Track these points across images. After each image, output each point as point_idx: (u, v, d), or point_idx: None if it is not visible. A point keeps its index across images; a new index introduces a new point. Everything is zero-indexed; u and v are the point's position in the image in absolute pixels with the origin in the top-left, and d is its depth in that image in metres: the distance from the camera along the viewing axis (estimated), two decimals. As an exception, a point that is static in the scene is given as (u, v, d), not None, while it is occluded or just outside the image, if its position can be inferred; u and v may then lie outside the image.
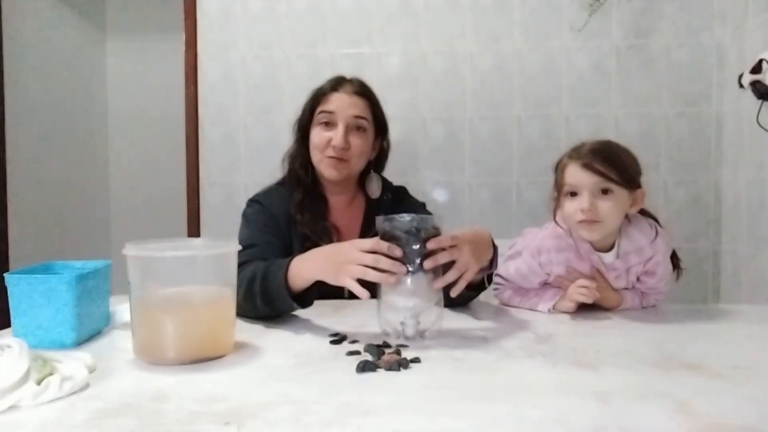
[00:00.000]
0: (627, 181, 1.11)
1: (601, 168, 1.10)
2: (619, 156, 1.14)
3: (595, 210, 1.10)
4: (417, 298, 0.90)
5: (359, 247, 0.91)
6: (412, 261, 0.89)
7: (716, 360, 0.80)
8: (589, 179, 1.11)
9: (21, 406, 0.63)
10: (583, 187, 1.11)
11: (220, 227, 2.44)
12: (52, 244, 3.13)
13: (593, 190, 1.11)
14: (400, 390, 0.69)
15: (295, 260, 1.02)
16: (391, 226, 0.90)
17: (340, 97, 1.32)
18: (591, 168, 1.10)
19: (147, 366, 0.80)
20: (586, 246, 1.16)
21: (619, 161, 1.12)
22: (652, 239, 1.16)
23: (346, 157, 1.31)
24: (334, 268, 0.93)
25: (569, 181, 1.13)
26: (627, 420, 0.59)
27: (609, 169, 1.10)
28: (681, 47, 2.28)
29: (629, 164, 1.14)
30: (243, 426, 0.58)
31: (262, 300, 1.02)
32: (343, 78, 1.37)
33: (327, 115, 1.31)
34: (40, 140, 3.07)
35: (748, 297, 2.07)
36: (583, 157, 1.12)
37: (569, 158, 1.15)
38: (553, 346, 0.89)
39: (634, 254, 1.16)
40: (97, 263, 0.98)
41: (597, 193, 1.11)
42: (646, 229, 1.17)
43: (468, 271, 0.93)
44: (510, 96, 2.34)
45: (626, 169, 1.12)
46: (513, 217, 2.35)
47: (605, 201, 1.11)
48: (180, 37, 2.46)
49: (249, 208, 1.35)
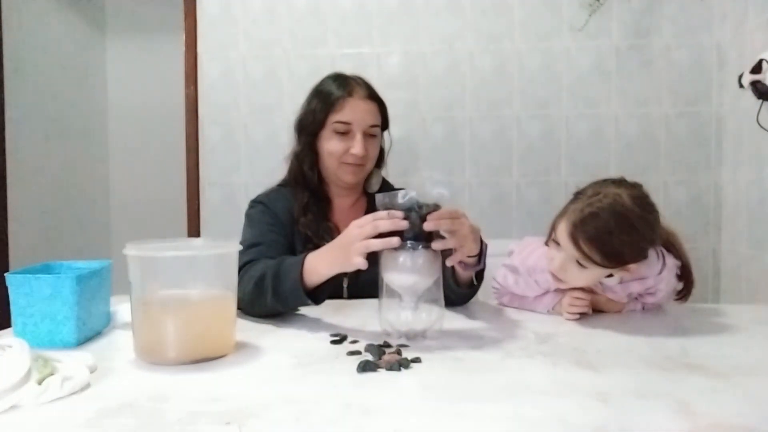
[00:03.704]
0: (610, 261, 1.02)
1: (584, 248, 1.01)
2: (610, 235, 1.00)
3: (568, 275, 1.06)
4: (417, 274, 0.90)
5: (358, 223, 0.92)
6: (412, 237, 0.89)
7: (716, 360, 0.80)
8: (570, 249, 1.03)
9: (22, 405, 0.63)
10: (568, 255, 1.04)
11: (220, 227, 2.44)
12: (52, 244, 3.13)
13: (572, 259, 1.04)
14: (400, 390, 0.69)
15: (310, 256, 1.02)
16: (391, 202, 0.91)
17: (355, 104, 1.31)
18: (574, 242, 1.01)
19: (147, 366, 0.80)
20: None
21: (607, 242, 1.00)
22: (657, 272, 1.12)
23: (363, 163, 1.33)
24: (343, 253, 0.93)
25: (561, 242, 1.06)
26: (627, 420, 0.59)
27: (593, 251, 1.00)
28: (681, 47, 2.27)
29: (619, 246, 1.01)
30: (243, 426, 0.58)
31: (274, 297, 1.03)
32: (349, 78, 1.36)
33: (344, 126, 1.31)
34: (40, 140, 3.07)
35: (748, 297, 2.07)
36: (582, 245, 1.01)
37: (573, 226, 1.03)
38: (553, 346, 0.89)
39: (637, 283, 1.13)
40: (98, 263, 0.98)
41: (574, 263, 1.04)
42: (653, 261, 1.10)
43: (466, 245, 0.95)
44: (510, 96, 2.34)
45: (612, 249, 1.01)
46: (513, 217, 2.35)
47: (580, 273, 1.05)
48: (180, 37, 2.46)
49: (252, 209, 1.35)
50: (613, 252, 1.01)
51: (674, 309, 1.20)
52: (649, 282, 1.13)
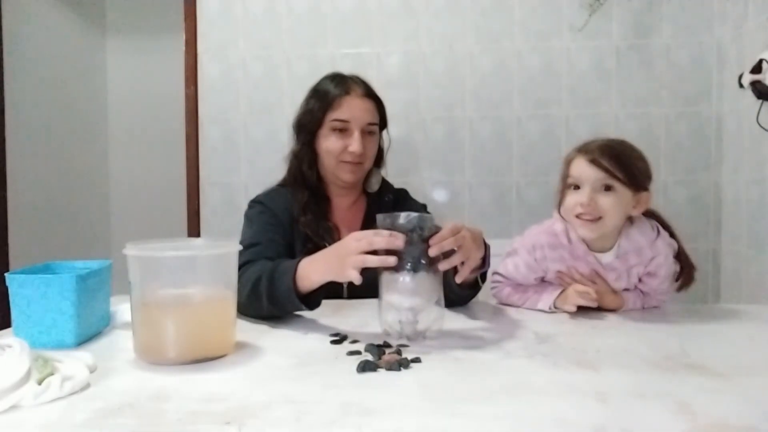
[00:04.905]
0: (632, 181, 1.10)
1: (606, 164, 1.09)
2: (628, 155, 1.13)
3: (594, 206, 1.09)
4: (418, 297, 0.90)
5: (357, 237, 0.92)
6: (413, 259, 0.89)
7: (716, 360, 0.80)
8: (592, 174, 1.10)
9: (22, 405, 0.63)
10: (586, 181, 1.11)
11: (220, 227, 2.44)
12: (52, 244, 3.13)
13: (596, 185, 1.10)
14: (400, 390, 0.69)
15: (303, 262, 1.01)
16: (391, 224, 0.91)
17: (352, 102, 1.31)
18: (596, 163, 1.10)
19: (147, 366, 0.80)
20: (582, 247, 1.15)
21: (627, 160, 1.11)
22: (652, 240, 1.15)
23: (361, 161, 1.33)
24: (338, 263, 0.93)
25: (573, 173, 1.13)
26: (627, 420, 0.59)
27: (614, 166, 1.09)
28: (681, 47, 2.27)
29: (637, 165, 1.12)
30: (243, 426, 0.58)
31: (269, 300, 1.03)
32: (346, 77, 1.37)
33: (341, 123, 1.31)
34: (40, 140, 3.07)
35: (748, 297, 2.07)
36: (590, 153, 1.11)
37: (577, 152, 1.14)
38: (553, 346, 0.89)
39: (633, 254, 1.15)
40: (98, 263, 0.98)
41: (599, 189, 1.10)
42: (647, 230, 1.16)
43: (471, 257, 0.94)
44: (510, 96, 2.34)
45: (632, 168, 1.11)
46: (513, 217, 2.36)
47: (606, 197, 1.10)
48: (180, 37, 2.46)
49: (251, 209, 1.35)
50: (623, 154, 1.12)
51: (674, 309, 1.20)
52: (646, 252, 1.15)
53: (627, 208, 1.12)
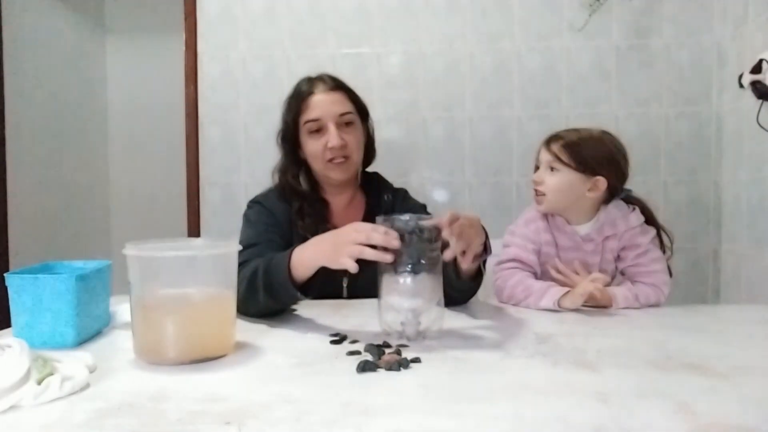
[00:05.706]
0: (579, 165, 1.23)
1: (555, 149, 1.26)
2: (579, 143, 1.25)
3: (541, 183, 1.27)
4: (418, 298, 0.90)
5: (355, 227, 0.92)
6: (413, 261, 0.89)
7: (716, 360, 0.80)
8: (544, 157, 1.29)
9: (21, 405, 0.63)
10: (541, 162, 1.30)
11: (220, 227, 2.44)
12: (52, 244, 3.13)
13: (545, 166, 1.28)
14: (400, 390, 0.69)
15: (297, 250, 1.02)
16: (391, 225, 0.91)
17: (319, 99, 1.31)
18: (547, 147, 1.28)
19: (147, 366, 0.80)
20: (560, 220, 1.29)
21: (576, 147, 1.25)
22: (626, 213, 1.27)
23: (347, 154, 1.31)
24: (333, 250, 0.93)
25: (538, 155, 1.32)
26: (627, 420, 0.59)
27: (561, 151, 1.25)
28: (681, 47, 2.27)
29: (587, 151, 1.25)
30: (243, 426, 0.58)
31: (266, 292, 1.03)
32: (313, 78, 1.36)
33: (315, 123, 1.30)
34: (40, 140, 3.07)
35: (748, 297, 2.07)
36: (549, 139, 1.29)
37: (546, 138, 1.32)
38: (553, 346, 0.89)
39: (609, 226, 1.27)
40: (98, 263, 0.98)
41: (547, 170, 1.27)
42: (623, 207, 1.29)
43: (472, 244, 0.95)
44: (510, 96, 2.34)
45: (580, 153, 1.24)
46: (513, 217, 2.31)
47: (551, 177, 1.26)
48: (180, 37, 2.46)
49: (250, 209, 1.35)
50: (573, 141, 1.25)
51: (674, 309, 1.20)
52: (620, 224, 1.26)
53: (577, 190, 1.25)
